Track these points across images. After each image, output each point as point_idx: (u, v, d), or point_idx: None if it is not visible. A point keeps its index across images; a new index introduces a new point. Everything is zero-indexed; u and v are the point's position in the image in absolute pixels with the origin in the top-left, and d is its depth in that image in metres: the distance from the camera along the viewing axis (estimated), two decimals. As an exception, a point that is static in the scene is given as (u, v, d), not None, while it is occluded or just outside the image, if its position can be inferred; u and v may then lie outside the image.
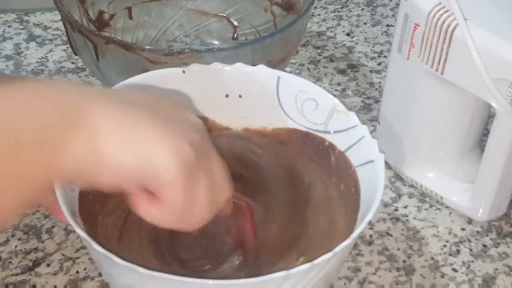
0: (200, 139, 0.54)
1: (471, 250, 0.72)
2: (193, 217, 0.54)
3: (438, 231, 0.73)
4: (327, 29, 0.98)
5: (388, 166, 0.77)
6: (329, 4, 1.03)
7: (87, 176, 0.50)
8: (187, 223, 0.55)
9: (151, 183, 0.51)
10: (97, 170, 0.50)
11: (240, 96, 0.70)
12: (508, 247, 0.72)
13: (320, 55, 0.93)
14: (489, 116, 0.74)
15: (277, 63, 0.78)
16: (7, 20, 0.96)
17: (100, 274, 0.66)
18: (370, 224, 0.73)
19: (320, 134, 0.68)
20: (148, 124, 0.51)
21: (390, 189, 0.77)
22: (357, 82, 0.90)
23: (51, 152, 0.48)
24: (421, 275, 0.69)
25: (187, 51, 0.73)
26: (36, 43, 0.93)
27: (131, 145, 0.50)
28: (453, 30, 0.65)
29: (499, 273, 0.70)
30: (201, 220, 0.55)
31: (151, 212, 0.53)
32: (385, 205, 0.75)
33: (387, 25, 0.99)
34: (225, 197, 0.57)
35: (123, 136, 0.50)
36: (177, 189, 0.51)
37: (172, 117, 0.54)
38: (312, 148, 0.69)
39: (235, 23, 0.92)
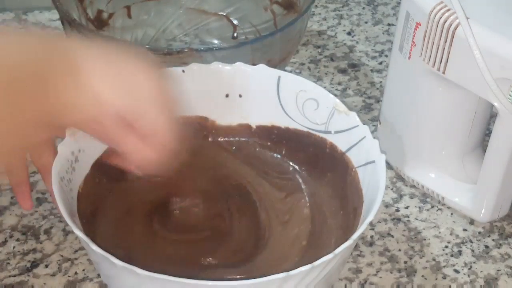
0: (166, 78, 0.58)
1: (473, 251, 0.71)
2: (168, 140, 0.56)
3: (440, 232, 0.73)
4: (328, 28, 0.98)
5: (389, 166, 0.77)
6: (329, 3, 1.02)
7: (74, 113, 0.53)
8: (166, 148, 0.57)
9: (133, 109, 0.54)
10: (81, 102, 0.52)
11: (240, 96, 0.70)
12: (510, 248, 0.72)
13: (320, 55, 0.93)
14: (491, 115, 0.74)
15: (277, 63, 0.78)
16: (5, 19, 0.96)
17: (98, 275, 0.66)
18: (371, 225, 0.72)
19: (321, 135, 0.68)
20: (127, 63, 0.55)
21: (391, 189, 0.77)
22: (358, 82, 0.89)
23: (43, 87, 0.51)
24: (422, 276, 0.69)
25: (186, 50, 0.73)
26: (35, 42, 0.93)
27: (115, 81, 0.54)
28: (455, 29, 0.64)
29: (501, 274, 0.69)
30: (171, 147, 0.57)
31: (138, 147, 0.55)
32: (386, 205, 0.75)
33: (388, 24, 0.99)
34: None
35: (107, 74, 0.54)
36: (160, 119, 0.55)
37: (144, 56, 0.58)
38: (313, 149, 0.69)
39: (235, 22, 0.92)
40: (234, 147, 0.72)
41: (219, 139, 0.72)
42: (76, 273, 0.67)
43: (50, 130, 0.58)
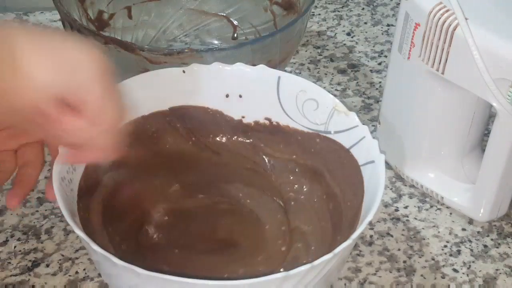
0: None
1: (471, 250, 0.71)
2: (106, 123, 0.54)
3: (439, 232, 0.73)
4: (327, 28, 0.98)
5: (388, 166, 0.77)
6: (329, 3, 1.03)
7: (7, 95, 0.51)
8: (99, 132, 0.55)
9: (74, 90, 0.52)
10: (17, 86, 0.51)
11: (240, 96, 0.70)
12: (509, 247, 0.72)
13: (320, 55, 0.93)
14: (490, 116, 0.74)
15: (277, 63, 0.78)
16: (6, 20, 0.96)
17: (99, 275, 0.66)
18: (371, 225, 0.73)
19: (321, 135, 0.68)
20: (63, 41, 0.53)
21: (391, 189, 0.77)
22: (357, 82, 0.90)
23: None
24: (421, 275, 0.69)
25: (186, 50, 0.73)
26: (36, 42, 0.93)
27: (52, 61, 0.52)
28: (454, 29, 0.64)
29: (500, 273, 0.70)
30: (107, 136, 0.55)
31: (76, 124, 0.53)
32: (386, 205, 0.75)
33: (388, 25, 0.99)
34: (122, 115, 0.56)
35: (45, 53, 0.52)
36: (96, 85, 0.53)
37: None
38: (314, 148, 0.69)
39: (235, 22, 0.92)
40: (234, 147, 0.72)
41: (219, 139, 0.73)
42: (77, 272, 0.67)
43: None
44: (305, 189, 0.70)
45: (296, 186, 0.70)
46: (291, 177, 0.70)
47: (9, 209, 0.71)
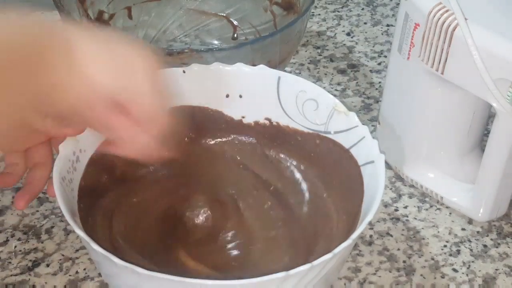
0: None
1: (471, 250, 0.71)
2: (164, 125, 0.56)
3: (439, 231, 0.73)
4: (327, 29, 0.98)
5: (388, 166, 0.77)
6: (329, 3, 1.03)
7: (64, 90, 0.52)
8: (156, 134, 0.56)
9: (127, 92, 0.53)
10: (74, 82, 0.52)
11: (240, 96, 0.70)
12: (509, 247, 0.72)
13: (320, 55, 0.93)
14: (490, 116, 0.74)
15: (277, 63, 0.78)
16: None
17: (99, 275, 0.66)
18: (370, 224, 0.73)
19: (321, 135, 0.68)
20: (118, 41, 0.55)
21: (390, 189, 0.77)
22: (357, 82, 0.90)
23: (35, 68, 0.50)
24: (421, 275, 0.69)
25: (186, 51, 0.73)
26: (36, 42, 0.93)
27: (107, 62, 0.53)
28: (454, 30, 0.65)
29: (500, 273, 0.70)
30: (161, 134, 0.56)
31: (124, 125, 0.55)
32: (385, 205, 0.75)
33: (387, 25, 0.99)
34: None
35: (102, 53, 0.53)
36: (155, 92, 0.54)
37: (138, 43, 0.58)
38: (315, 147, 0.69)
39: (235, 22, 0.92)
40: (234, 147, 0.72)
41: (219, 139, 0.73)
42: (77, 272, 0.67)
43: (42, 115, 0.57)
44: (305, 189, 0.70)
45: (296, 185, 0.70)
46: (292, 177, 0.71)
47: (14, 209, 0.71)
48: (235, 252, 0.65)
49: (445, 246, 0.72)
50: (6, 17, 0.52)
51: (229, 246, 0.65)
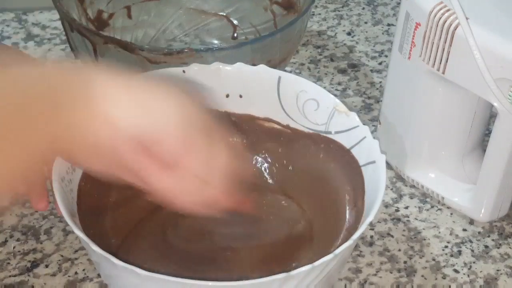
0: (205, 116, 0.54)
1: (472, 251, 0.71)
2: (189, 171, 0.53)
3: (440, 232, 0.73)
4: (328, 28, 0.98)
5: (389, 166, 0.77)
6: (329, 3, 1.02)
7: (83, 132, 0.50)
8: (188, 183, 0.53)
9: (150, 133, 0.51)
10: (94, 124, 0.50)
11: (240, 96, 0.70)
12: (510, 247, 0.72)
13: (320, 55, 0.93)
14: (491, 116, 0.74)
15: (277, 63, 0.78)
16: (5, 19, 0.96)
17: (99, 275, 0.66)
18: (371, 225, 0.72)
19: (322, 135, 0.68)
20: (148, 88, 0.52)
21: (391, 189, 0.77)
22: (357, 82, 0.89)
23: (55, 111, 0.48)
24: (422, 276, 0.69)
25: (186, 50, 0.73)
26: (35, 42, 0.93)
27: (134, 106, 0.51)
28: (455, 29, 0.64)
29: (501, 274, 0.69)
30: (201, 190, 0.54)
31: (159, 175, 0.52)
32: (386, 205, 0.75)
33: (388, 24, 0.99)
34: (225, 165, 0.55)
35: (124, 95, 0.51)
36: (178, 136, 0.51)
37: (173, 84, 0.55)
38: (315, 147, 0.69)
39: (235, 22, 0.92)
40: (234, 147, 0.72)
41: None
42: (76, 273, 0.67)
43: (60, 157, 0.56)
44: (305, 189, 0.70)
45: (296, 185, 0.70)
46: (292, 177, 0.70)
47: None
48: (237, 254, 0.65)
49: (446, 246, 0.71)
50: (29, 62, 0.52)
51: (233, 246, 0.65)
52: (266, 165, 0.71)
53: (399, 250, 0.71)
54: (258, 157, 0.71)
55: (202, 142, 0.53)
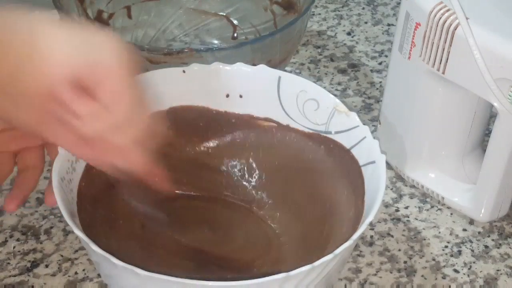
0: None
1: (472, 251, 0.71)
2: (119, 113, 0.51)
3: (440, 232, 0.73)
4: (328, 28, 0.98)
5: (389, 166, 0.77)
6: (329, 3, 1.02)
7: (19, 80, 0.48)
8: (113, 125, 0.51)
9: (91, 70, 0.48)
10: (32, 69, 0.48)
11: (240, 96, 0.70)
12: (510, 247, 0.72)
13: (320, 55, 0.93)
14: (491, 116, 0.74)
15: (277, 63, 0.78)
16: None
17: (99, 275, 0.66)
18: (371, 225, 0.72)
19: (322, 135, 0.68)
20: (86, 29, 0.51)
21: (391, 189, 0.77)
22: (357, 82, 0.89)
23: None
24: (422, 276, 0.69)
25: (186, 50, 0.73)
26: (35, 42, 0.93)
27: (71, 41, 0.49)
28: (455, 29, 0.64)
29: (501, 274, 0.69)
30: (123, 137, 0.52)
31: (90, 108, 0.49)
32: (386, 205, 0.75)
33: (388, 24, 0.99)
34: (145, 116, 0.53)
35: (62, 35, 0.49)
36: (120, 75, 0.49)
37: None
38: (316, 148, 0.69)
39: (235, 22, 0.92)
40: (234, 148, 0.72)
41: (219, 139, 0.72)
42: (76, 273, 0.67)
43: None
44: (305, 189, 0.70)
45: (296, 186, 0.70)
46: (292, 177, 0.70)
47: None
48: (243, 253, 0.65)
49: (446, 246, 0.71)
50: None
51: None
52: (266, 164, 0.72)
53: (399, 250, 0.71)
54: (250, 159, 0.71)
55: (138, 91, 0.51)
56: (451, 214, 0.75)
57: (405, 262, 0.70)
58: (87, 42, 0.49)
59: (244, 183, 0.71)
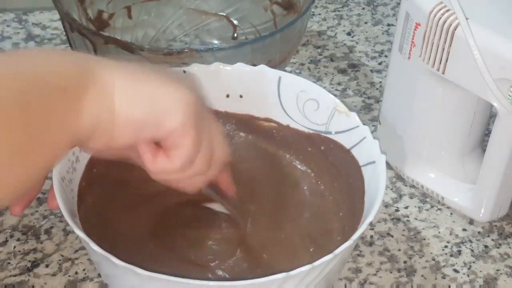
0: (202, 99, 0.58)
1: (472, 251, 0.71)
2: (195, 169, 0.56)
3: (439, 232, 0.73)
4: (328, 28, 0.98)
5: (389, 166, 0.77)
6: (329, 3, 1.03)
7: (101, 134, 0.52)
8: (189, 176, 0.57)
9: (162, 132, 0.53)
10: (112, 127, 0.52)
11: (241, 96, 0.70)
12: (510, 247, 0.72)
13: (320, 55, 0.93)
14: (491, 116, 0.74)
15: (277, 63, 0.78)
16: (5, 20, 0.96)
17: (99, 275, 0.66)
18: (371, 225, 0.72)
19: (322, 135, 0.68)
20: (155, 81, 0.55)
21: (391, 189, 0.77)
22: (357, 82, 0.89)
23: (69, 110, 0.50)
24: (422, 276, 0.69)
25: (186, 50, 0.73)
26: (35, 42, 0.93)
27: (142, 99, 0.53)
28: (455, 29, 0.64)
29: (501, 274, 0.69)
30: (201, 176, 0.58)
31: (157, 160, 0.55)
32: (386, 205, 0.75)
33: (388, 25, 0.99)
34: (224, 157, 0.59)
35: (134, 92, 0.53)
36: (185, 131, 0.54)
37: (177, 78, 0.58)
38: (316, 147, 0.69)
39: (235, 22, 0.92)
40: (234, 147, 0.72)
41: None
42: (76, 272, 0.67)
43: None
44: (305, 189, 0.70)
45: (296, 185, 0.70)
46: (292, 177, 0.70)
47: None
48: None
49: (446, 246, 0.71)
50: (44, 54, 0.52)
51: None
52: (266, 165, 0.71)
53: (399, 250, 0.71)
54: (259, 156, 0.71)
55: (206, 138, 0.56)
56: (451, 214, 0.75)
57: (405, 262, 0.70)
58: (149, 96, 0.54)
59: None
